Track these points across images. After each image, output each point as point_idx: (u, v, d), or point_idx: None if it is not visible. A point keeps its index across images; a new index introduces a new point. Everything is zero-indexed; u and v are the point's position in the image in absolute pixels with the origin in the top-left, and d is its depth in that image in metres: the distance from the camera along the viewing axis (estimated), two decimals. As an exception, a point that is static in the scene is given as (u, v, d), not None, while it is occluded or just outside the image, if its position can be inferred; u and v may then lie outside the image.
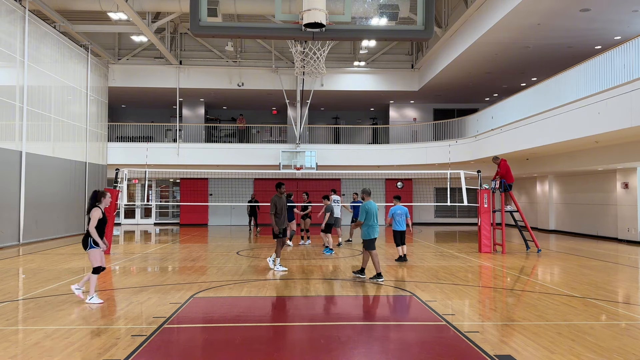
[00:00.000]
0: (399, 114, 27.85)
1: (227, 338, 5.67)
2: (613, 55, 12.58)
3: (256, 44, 24.49)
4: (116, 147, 23.38)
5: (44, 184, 16.86)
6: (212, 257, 12.71)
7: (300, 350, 5.25)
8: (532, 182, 24.09)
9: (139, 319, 6.33)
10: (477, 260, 12.21)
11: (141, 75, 23.63)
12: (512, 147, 16.90)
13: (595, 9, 13.67)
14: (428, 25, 7.15)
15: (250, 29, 8.30)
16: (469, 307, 7.18)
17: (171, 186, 28.25)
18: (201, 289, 8.30)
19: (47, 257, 12.47)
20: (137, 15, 17.41)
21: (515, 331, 5.84)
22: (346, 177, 25.38)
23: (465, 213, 26.55)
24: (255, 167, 23.63)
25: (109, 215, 13.28)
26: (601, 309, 7.02)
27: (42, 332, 5.69)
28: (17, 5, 15.54)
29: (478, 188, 14.26)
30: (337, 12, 7.33)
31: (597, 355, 4.98)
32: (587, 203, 19.71)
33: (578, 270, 10.57)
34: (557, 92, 14.95)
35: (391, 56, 24.72)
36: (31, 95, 16.23)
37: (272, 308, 7.14)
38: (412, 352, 5.15)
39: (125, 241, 17.93)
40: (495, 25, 15.01)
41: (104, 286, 8.66)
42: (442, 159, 21.61)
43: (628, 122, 11.34)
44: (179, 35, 24.00)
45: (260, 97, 25.64)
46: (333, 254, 13.20)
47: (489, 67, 19.94)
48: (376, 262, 9.15)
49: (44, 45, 17.24)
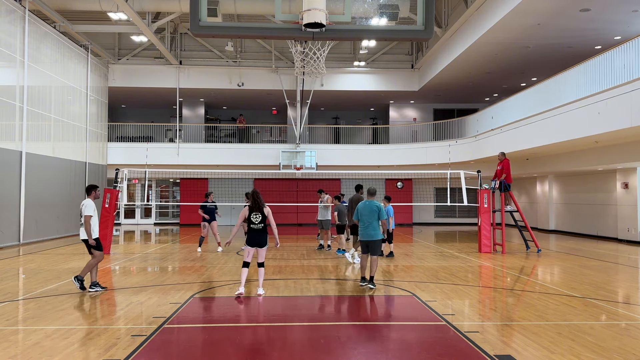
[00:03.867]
0: (399, 114, 27.85)
1: (227, 338, 5.67)
2: (613, 55, 12.58)
3: (256, 44, 24.49)
4: (116, 147, 23.39)
5: (44, 184, 16.86)
6: (212, 257, 12.71)
7: (300, 350, 5.25)
8: (532, 182, 24.09)
9: (139, 319, 6.33)
10: (477, 260, 12.21)
11: (141, 75, 23.63)
12: (512, 147, 16.90)
13: (595, 9, 13.67)
14: (428, 25, 7.15)
15: (250, 29, 8.30)
16: (469, 307, 7.18)
17: (171, 186, 28.25)
18: (201, 289, 8.30)
19: (47, 257, 12.47)
20: (137, 15, 17.41)
21: (515, 331, 5.84)
22: (346, 177, 25.38)
23: (465, 213, 26.54)
24: (255, 167, 23.63)
25: (109, 215, 13.30)
26: (601, 309, 7.02)
27: (42, 332, 5.69)
28: (17, 5, 15.54)
29: (478, 188, 14.26)
30: (337, 12, 7.33)
31: (597, 355, 4.98)
32: (587, 203, 19.71)
33: (578, 270, 10.57)
34: (557, 92, 14.95)
35: (391, 56, 24.73)
36: (31, 95, 16.23)
37: (272, 308, 7.14)
38: (412, 352, 5.15)
39: (125, 241, 17.92)
40: (495, 25, 15.01)
41: (104, 286, 8.65)
42: (442, 159, 21.60)
43: (628, 122, 11.34)
44: (179, 35, 24.00)
45: (260, 97, 25.65)
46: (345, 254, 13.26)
47: (489, 67, 19.94)
48: (363, 266, 8.55)
49: (44, 45, 17.24)
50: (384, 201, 12.72)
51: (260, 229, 7.70)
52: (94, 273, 7.97)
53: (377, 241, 8.34)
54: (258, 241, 7.70)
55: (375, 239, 8.30)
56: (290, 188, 25.28)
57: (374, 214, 8.28)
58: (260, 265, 7.89)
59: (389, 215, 12.45)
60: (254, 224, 7.68)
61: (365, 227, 8.33)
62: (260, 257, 7.86)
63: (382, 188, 26.31)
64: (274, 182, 25.50)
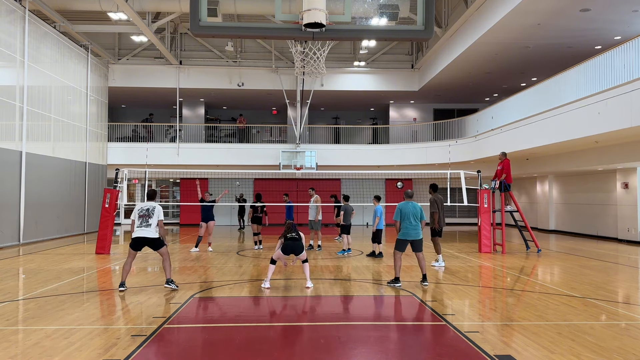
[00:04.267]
0: (399, 114, 27.86)
1: (227, 338, 5.67)
2: (613, 55, 12.58)
3: (256, 44, 24.50)
4: (116, 147, 23.39)
5: (44, 184, 16.86)
6: (212, 257, 12.71)
7: (300, 350, 5.25)
8: (532, 182, 24.09)
9: (139, 319, 6.32)
10: (477, 260, 12.21)
11: (141, 75, 23.64)
12: (512, 147, 16.90)
13: (595, 9, 13.67)
14: (428, 25, 7.15)
15: (250, 29, 8.30)
16: (469, 307, 7.18)
17: (171, 186, 28.26)
18: (201, 289, 8.30)
19: (47, 257, 12.47)
20: (137, 15, 17.41)
21: (515, 331, 5.84)
22: (346, 177, 25.38)
23: (465, 213, 26.53)
24: (255, 167, 23.63)
25: (109, 215, 13.30)
26: (601, 309, 7.02)
27: (42, 332, 5.69)
28: (17, 5, 15.54)
29: (478, 188, 14.26)
30: (337, 12, 7.33)
31: (597, 355, 4.98)
32: (587, 203, 19.72)
33: (578, 270, 10.57)
34: (557, 92, 14.95)
35: (391, 56, 24.73)
36: (31, 95, 16.24)
37: (272, 308, 7.14)
38: (412, 352, 5.15)
39: (125, 241, 17.92)
40: (495, 25, 15.01)
41: (104, 286, 8.67)
42: (442, 159, 21.60)
43: (628, 122, 11.34)
44: (179, 35, 24.00)
45: (260, 97, 25.64)
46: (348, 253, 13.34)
47: (489, 67, 19.94)
48: (397, 266, 8.76)
49: (44, 45, 17.24)
50: (374, 200, 13.08)
51: (296, 238, 8.40)
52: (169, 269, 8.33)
53: (422, 240, 8.84)
54: (293, 249, 8.35)
55: (420, 238, 8.82)
56: (290, 188, 25.25)
57: (417, 214, 8.77)
58: (305, 262, 8.58)
59: (377, 215, 12.59)
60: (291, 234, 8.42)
61: (413, 227, 8.72)
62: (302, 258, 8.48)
63: (382, 188, 26.32)
64: (274, 182, 25.49)
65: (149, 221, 8.10)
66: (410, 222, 8.70)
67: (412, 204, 8.81)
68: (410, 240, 8.73)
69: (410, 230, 8.69)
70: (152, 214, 8.13)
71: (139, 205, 8.27)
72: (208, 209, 13.95)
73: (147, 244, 8.14)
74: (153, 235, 8.12)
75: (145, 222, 8.08)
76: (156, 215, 8.16)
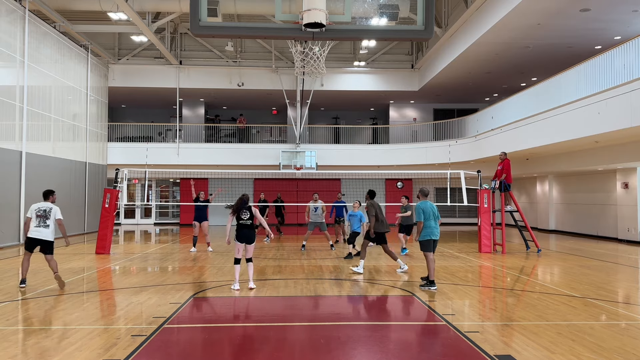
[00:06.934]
0: (399, 114, 27.85)
1: (227, 338, 5.67)
2: (613, 55, 12.58)
3: (256, 44, 24.49)
4: (116, 147, 23.38)
5: (44, 184, 16.81)
6: (212, 257, 12.71)
7: (300, 350, 5.25)
8: (532, 182, 24.09)
9: (139, 319, 6.33)
10: (477, 260, 12.21)
11: (141, 75, 23.63)
12: (512, 147, 16.90)
13: (595, 9, 13.67)
14: (428, 25, 7.14)
15: (250, 29, 8.29)
16: (469, 307, 7.18)
17: (171, 186, 28.25)
18: (201, 289, 8.30)
19: (47, 257, 12.45)
20: (137, 15, 17.40)
21: (515, 331, 5.84)
22: (346, 177, 25.37)
23: (465, 213, 26.52)
24: (255, 167, 23.63)
25: (109, 215, 13.30)
26: (601, 309, 7.02)
27: (42, 332, 5.69)
28: (17, 5, 15.54)
29: (478, 188, 14.26)
30: (337, 12, 7.32)
31: (597, 355, 4.98)
32: (587, 203, 19.71)
33: (578, 270, 10.57)
34: (557, 92, 14.95)
35: (391, 56, 24.72)
36: (31, 95, 16.23)
37: (272, 308, 7.14)
38: (412, 352, 5.15)
39: (125, 241, 17.93)
40: (495, 25, 15.01)
41: (104, 286, 8.67)
42: (442, 159, 21.60)
43: (628, 122, 11.34)
44: (179, 35, 23.99)
45: (260, 97, 25.64)
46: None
47: (489, 67, 19.94)
48: (430, 268, 8.42)
49: (44, 45, 17.25)
50: (355, 203, 13.31)
51: (249, 225, 8.18)
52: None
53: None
54: (247, 237, 8.19)
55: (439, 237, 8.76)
56: (290, 188, 25.27)
57: (436, 213, 8.75)
58: (249, 261, 8.42)
59: (363, 221, 12.76)
60: (243, 220, 8.15)
61: (435, 226, 8.69)
62: (248, 253, 8.34)
63: (382, 188, 26.30)
64: (274, 182, 25.47)
65: (46, 222, 8.20)
66: (433, 222, 8.65)
67: (430, 203, 8.77)
68: (434, 239, 8.66)
69: (435, 229, 8.66)
70: (49, 215, 8.22)
71: (35, 205, 8.31)
72: (201, 208, 13.96)
73: (40, 244, 8.19)
74: (48, 238, 8.22)
75: (43, 223, 8.19)
76: (53, 215, 8.24)
